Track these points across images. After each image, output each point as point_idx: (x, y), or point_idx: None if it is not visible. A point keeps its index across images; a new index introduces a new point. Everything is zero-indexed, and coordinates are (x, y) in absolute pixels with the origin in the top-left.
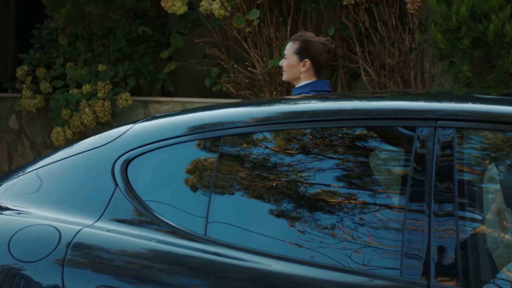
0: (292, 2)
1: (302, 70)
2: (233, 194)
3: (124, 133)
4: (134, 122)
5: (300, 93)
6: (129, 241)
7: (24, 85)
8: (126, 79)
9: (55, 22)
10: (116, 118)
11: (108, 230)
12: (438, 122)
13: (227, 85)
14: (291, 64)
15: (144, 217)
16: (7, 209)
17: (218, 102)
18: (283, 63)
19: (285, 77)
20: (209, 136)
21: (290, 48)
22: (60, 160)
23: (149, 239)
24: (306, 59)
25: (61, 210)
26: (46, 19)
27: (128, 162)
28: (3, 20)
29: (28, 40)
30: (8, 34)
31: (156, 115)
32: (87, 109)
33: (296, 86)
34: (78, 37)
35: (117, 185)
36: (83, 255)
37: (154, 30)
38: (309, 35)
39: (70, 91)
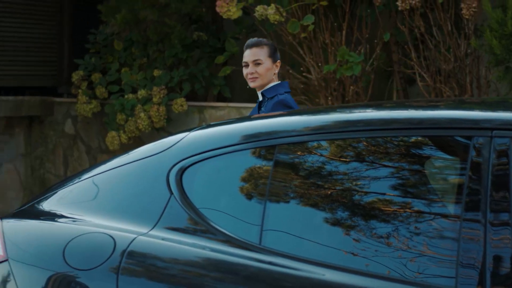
0: (347, 7)
1: (275, 72)
2: (288, 202)
3: (179, 141)
4: (189, 130)
5: (276, 95)
6: (184, 250)
7: (80, 90)
8: (181, 84)
9: (111, 28)
10: (171, 123)
11: (163, 239)
12: (494, 131)
13: None
14: (268, 67)
15: (199, 226)
16: (62, 216)
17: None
18: (260, 69)
19: (259, 82)
20: (264, 145)
21: (261, 53)
22: (116, 167)
23: (204, 247)
24: (278, 61)
25: (116, 218)
26: (102, 24)
27: (183, 170)
28: (59, 25)
29: (83, 46)
30: (63, 40)
31: (211, 123)
32: (142, 114)
33: (267, 88)
34: (133, 43)
35: (172, 193)
36: (138, 263)
37: (209, 35)
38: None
39: (126, 96)
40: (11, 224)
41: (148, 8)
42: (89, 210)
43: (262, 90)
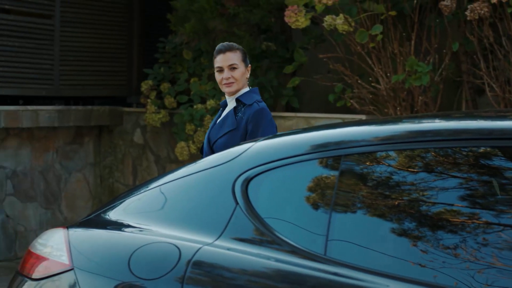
0: (416, 17)
1: (247, 76)
2: (354, 213)
3: (245, 151)
4: (255, 140)
5: (254, 102)
6: (249, 260)
7: (149, 100)
8: None
9: (180, 37)
10: None
11: (228, 249)
12: None
13: (351, 101)
14: (243, 72)
15: (265, 236)
16: (128, 226)
17: (341, 118)
18: (236, 74)
19: (235, 87)
20: (332, 155)
21: (235, 57)
22: (182, 177)
23: (270, 258)
24: (249, 65)
25: (182, 227)
26: (171, 34)
27: (248, 180)
28: (128, 35)
29: (152, 55)
30: (133, 49)
31: (277, 133)
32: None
33: (242, 94)
34: (202, 52)
35: (237, 203)
36: (203, 273)
37: (278, 45)
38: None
39: (195, 106)
40: (77, 233)
41: (217, 18)
42: (155, 219)
43: (238, 96)
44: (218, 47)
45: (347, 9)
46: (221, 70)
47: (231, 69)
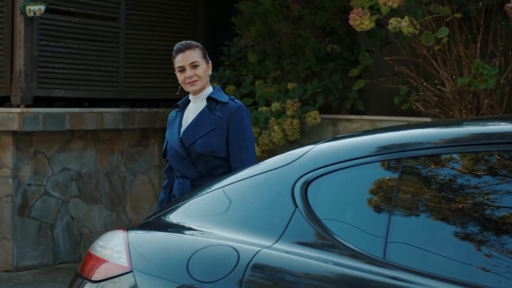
0: (482, 19)
1: (210, 73)
2: (415, 216)
3: (305, 153)
4: (315, 143)
5: (230, 98)
6: (308, 264)
7: None
8: (315, 97)
9: (245, 40)
10: (304, 136)
11: (287, 252)
12: None
13: (416, 103)
14: (205, 69)
15: (324, 240)
16: (187, 228)
17: (406, 120)
18: (199, 71)
19: (199, 85)
20: (395, 157)
21: (196, 54)
22: (243, 179)
23: (329, 262)
24: (210, 62)
25: (241, 230)
26: (236, 37)
27: (308, 183)
28: (193, 38)
29: (217, 58)
30: None
31: (338, 136)
32: (276, 127)
33: (214, 92)
34: (267, 55)
35: (296, 206)
36: (262, 276)
37: (343, 47)
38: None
39: (259, 109)
40: (136, 235)
41: (282, 20)
42: (215, 221)
43: (210, 94)
44: (176, 46)
45: (412, 12)
46: (182, 69)
47: (193, 67)
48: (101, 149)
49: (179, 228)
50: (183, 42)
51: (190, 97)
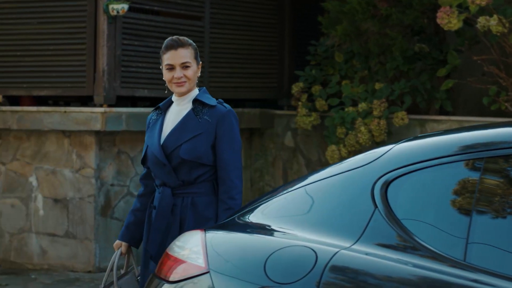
0: None
1: (199, 75)
2: (497, 217)
3: (385, 153)
4: (396, 142)
5: (218, 101)
6: (388, 266)
7: (300, 103)
8: (403, 97)
9: (331, 39)
10: (392, 137)
11: (366, 254)
12: None
13: (505, 104)
14: (195, 71)
15: (404, 241)
16: (265, 228)
17: (494, 121)
18: (189, 73)
19: (186, 87)
20: (478, 157)
21: (188, 55)
22: (324, 178)
23: (409, 264)
24: (200, 62)
25: (319, 231)
26: (322, 36)
27: (388, 183)
28: (280, 37)
29: (304, 57)
30: (284, 51)
31: (418, 135)
32: (362, 128)
33: (200, 94)
34: (354, 54)
35: (376, 206)
36: (340, 278)
37: (432, 47)
38: None
39: (346, 109)
40: (214, 236)
41: (369, 19)
42: (293, 222)
43: (197, 96)
44: (168, 42)
45: (501, 10)
46: (171, 68)
47: (183, 68)
48: None
49: (257, 229)
50: (175, 37)
51: (174, 98)
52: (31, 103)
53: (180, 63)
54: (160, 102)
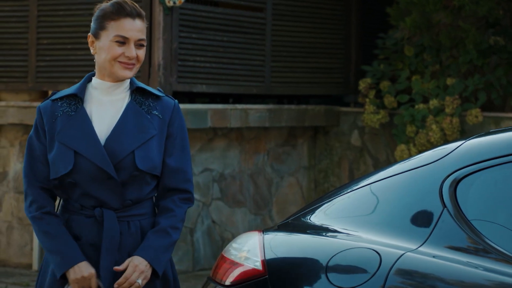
0: None
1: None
2: None
3: (455, 149)
4: (466, 138)
5: (164, 95)
6: (457, 269)
7: (367, 99)
8: (477, 94)
9: (400, 32)
10: (465, 136)
11: (434, 256)
12: None
13: None
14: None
15: (474, 243)
16: (325, 229)
17: None
18: (142, 54)
19: (134, 72)
20: None
21: (144, 30)
22: (391, 176)
23: (480, 267)
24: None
25: (384, 232)
26: (391, 28)
27: (457, 181)
28: (346, 30)
29: (371, 51)
30: (350, 44)
31: (491, 130)
32: (434, 126)
33: (141, 83)
34: (425, 48)
35: (445, 206)
36: (406, 282)
37: (508, 39)
38: None
39: (416, 106)
40: (272, 238)
41: (440, 10)
42: (357, 222)
43: (139, 84)
44: (120, 5)
45: None
46: (123, 42)
47: (138, 46)
48: (246, 149)
49: (318, 230)
50: (129, 2)
51: (99, 83)
52: None
53: (137, 39)
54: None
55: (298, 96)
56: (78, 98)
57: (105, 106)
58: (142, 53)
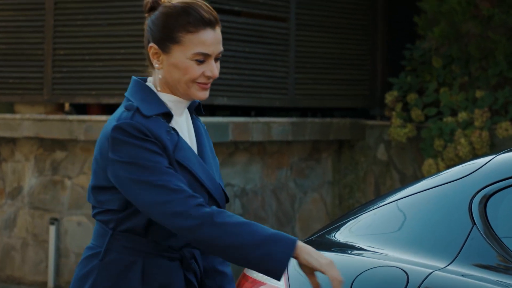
0: None
1: None
2: None
3: (485, 164)
4: (497, 152)
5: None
6: None
7: (394, 113)
8: (507, 106)
9: (428, 42)
10: (495, 150)
11: (463, 275)
12: None
13: None
14: None
15: (505, 262)
16: (350, 247)
17: None
18: (218, 68)
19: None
20: None
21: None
22: (419, 192)
23: (511, 286)
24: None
25: (411, 250)
26: (419, 39)
27: (488, 197)
28: (372, 40)
29: (398, 62)
30: (376, 56)
31: None
32: (462, 140)
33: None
34: (453, 59)
35: (474, 223)
36: None
37: None
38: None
39: (444, 119)
40: None
41: (469, 20)
42: (383, 240)
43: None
44: (198, 12)
45: None
46: (204, 59)
47: (217, 60)
48: (268, 163)
49: (343, 247)
50: (204, 5)
51: (174, 100)
52: (100, 112)
53: (218, 52)
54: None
55: (323, 109)
56: (168, 118)
57: (186, 128)
58: (219, 66)
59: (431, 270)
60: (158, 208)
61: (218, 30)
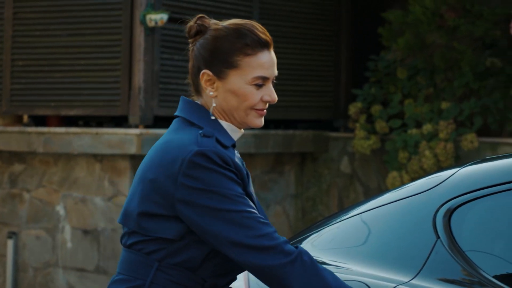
0: None
1: None
2: None
3: (449, 177)
4: (462, 165)
5: None
6: None
7: (358, 124)
8: (472, 118)
9: (393, 54)
10: (459, 162)
11: None
12: None
13: None
14: None
15: (469, 276)
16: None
17: None
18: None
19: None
20: None
21: None
22: (382, 205)
23: None
24: None
25: (375, 264)
26: (384, 50)
27: (452, 211)
28: (336, 51)
29: (362, 74)
30: (340, 67)
31: (486, 158)
32: (427, 152)
33: None
34: (418, 70)
35: (438, 237)
36: None
37: (505, 61)
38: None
39: (409, 131)
40: None
41: (434, 31)
42: (345, 254)
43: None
44: (252, 32)
45: None
46: (263, 83)
47: (273, 83)
48: None
49: None
50: (258, 26)
51: (233, 129)
52: (59, 124)
53: (275, 75)
54: None
55: (286, 120)
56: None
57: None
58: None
59: (394, 285)
60: (242, 240)
61: (272, 51)
